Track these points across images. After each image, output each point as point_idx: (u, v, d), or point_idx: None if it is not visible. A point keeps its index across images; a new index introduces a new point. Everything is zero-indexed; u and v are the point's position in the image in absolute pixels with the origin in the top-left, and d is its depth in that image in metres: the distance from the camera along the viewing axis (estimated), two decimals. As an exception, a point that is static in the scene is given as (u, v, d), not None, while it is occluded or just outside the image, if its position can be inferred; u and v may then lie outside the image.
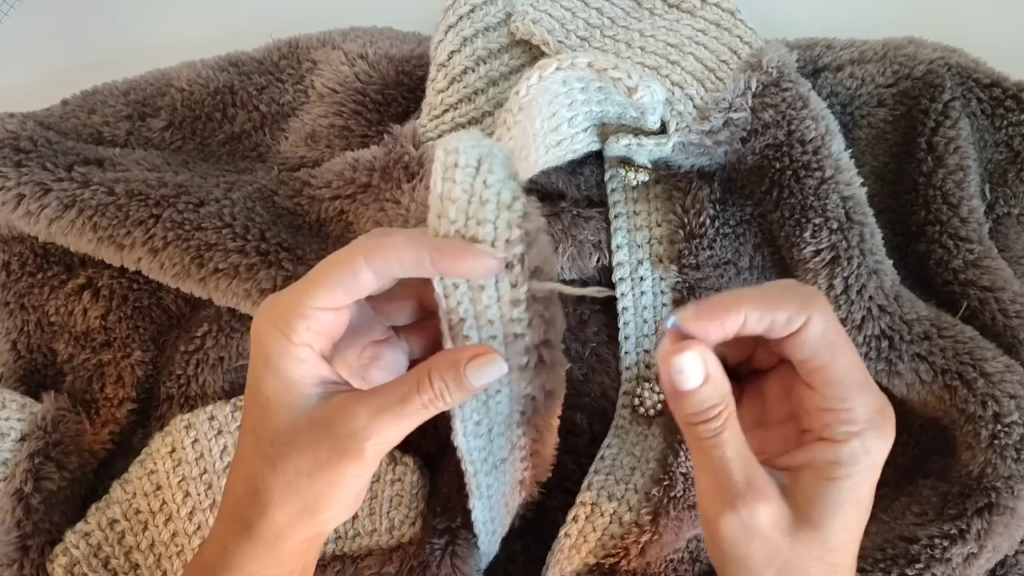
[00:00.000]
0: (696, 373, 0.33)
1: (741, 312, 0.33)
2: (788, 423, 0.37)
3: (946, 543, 0.45)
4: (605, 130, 0.51)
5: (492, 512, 0.45)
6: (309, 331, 0.35)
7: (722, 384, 0.34)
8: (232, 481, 0.38)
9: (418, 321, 0.42)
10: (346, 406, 0.35)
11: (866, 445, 0.34)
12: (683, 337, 0.34)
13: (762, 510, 0.33)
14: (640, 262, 0.52)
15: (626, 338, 0.52)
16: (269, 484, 0.36)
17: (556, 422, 0.44)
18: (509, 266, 0.37)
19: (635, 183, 0.52)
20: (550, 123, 0.48)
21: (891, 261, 0.49)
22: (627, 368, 0.51)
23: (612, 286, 0.52)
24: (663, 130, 0.50)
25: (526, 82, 0.44)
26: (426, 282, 0.38)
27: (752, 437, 0.36)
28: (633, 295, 0.52)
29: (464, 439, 0.41)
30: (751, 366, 0.39)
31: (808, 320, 0.33)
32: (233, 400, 0.50)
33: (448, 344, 0.38)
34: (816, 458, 0.34)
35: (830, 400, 0.34)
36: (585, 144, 0.51)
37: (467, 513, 0.45)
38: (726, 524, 0.34)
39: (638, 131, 0.50)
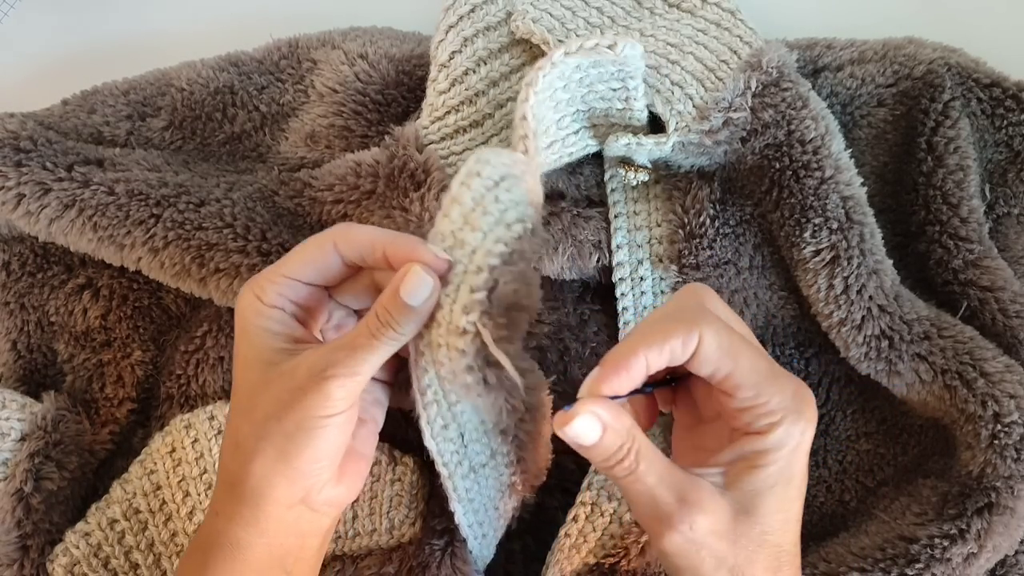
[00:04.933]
0: (592, 431, 0.35)
1: (641, 358, 0.35)
2: (719, 420, 0.39)
3: (946, 543, 0.45)
4: (603, 130, 0.51)
5: (478, 516, 0.45)
6: (281, 296, 0.39)
7: (620, 425, 0.36)
8: (223, 444, 0.40)
9: None
10: (308, 355, 0.37)
11: (789, 430, 0.36)
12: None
13: (700, 520, 0.35)
14: (640, 262, 0.52)
15: (625, 323, 0.52)
16: (245, 432, 0.37)
17: (545, 434, 0.42)
18: (479, 270, 0.37)
19: (635, 183, 0.52)
20: (537, 124, 0.48)
21: (891, 261, 0.49)
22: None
23: (612, 286, 0.52)
24: (662, 129, 0.50)
25: (525, 104, 0.44)
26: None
27: (691, 436, 0.40)
28: (633, 295, 0.52)
29: (432, 441, 0.41)
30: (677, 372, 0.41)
31: (700, 339, 0.36)
32: (233, 400, 0.50)
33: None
34: (745, 450, 0.36)
35: (744, 400, 0.36)
36: (580, 147, 0.51)
37: None
38: (670, 543, 0.36)
39: (637, 130, 0.50)
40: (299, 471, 0.37)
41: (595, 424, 0.35)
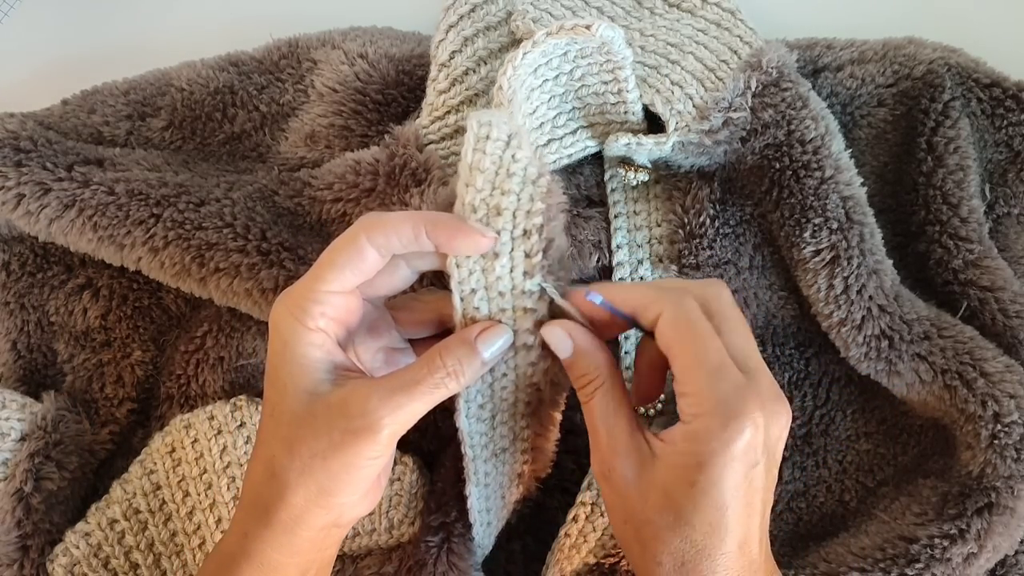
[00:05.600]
0: (564, 344, 0.39)
1: (617, 294, 0.38)
2: None
3: (946, 543, 0.45)
4: (602, 130, 0.51)
5: (488, 502, 0.45)
6: (324, 317, 0.37)
7: (593, 357, 0.39)
8: (252, 466, 0.39)
9: (436, 336, 0.43)
10: (359, 390, 0.36)
11: (710, 429, 0.35)
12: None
13: (616, 469, 0.37)
14: (640, 262, 0.52)
15: (626, 337, 0.52)
16: (285, 465, 0.37)
17: (559, 416, 0.44)
18: (527, 234, 0.38)
19: (635, 183, 0.52)
20: (531, 120, 0.49)
21: (891, 261, 0.49)
22: (627, 368, 0.51)
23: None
24: (662, 129, 0.50)
25: (503, 76, 0.45)
26: (446, 298, 0.39)
27: None
28: (633, 295, 0.52)
29: (466, 421, 0.41)
30: None
31: (661, 313, 0.37)
32: (233, 400, 0.50)
33: (458, 318, 0.39)
34: (672, 435, 0.36)
35: (680, 384, 0.36)
36: (579, 148, 0.51)
37: (461, 506, 0.45)
38: (595, 473, 0.39)
39: (637, 130, 0.50)
40: (338, 503, 0.37)
41: (566, 339, 0.39)
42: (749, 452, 0.35)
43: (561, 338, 0.39)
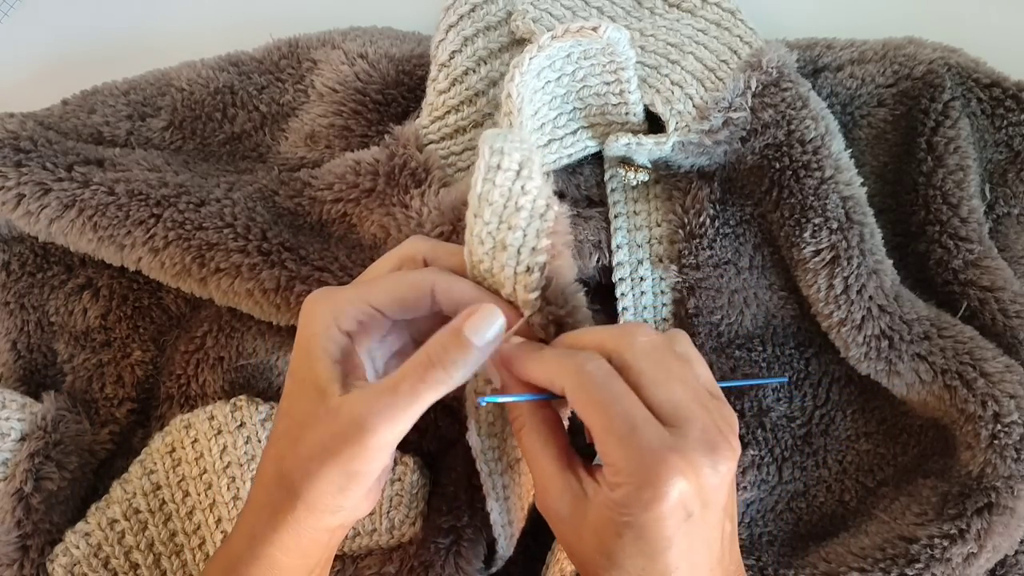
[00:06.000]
0: (493, 376, 0.39)
1: (524, 367, 0.38)
2: None
3: (946, 543, 0.45)
4: (602, 130, 0.51)
5: (510, 514, 0.45)
6: (357, 322, 0.38)
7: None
8: (263, 464, 0.39)
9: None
10: (354, 396, 0.37)
11: (628, 497, 0.34)
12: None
13: (550, 503, 0.37)
14: (640, 262, 0.52)
15: (622, 295, 0.52)
16: (290, 466, 0.37)
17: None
18: (529, 271, 0.38)
19: (635, 183, 0.52)
20: (532, 121, 0.49)
21: (891, 261, 0.49)
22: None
23: (612, 286, 0.52)
24: (662, 129, 0.50)
25: (511, 83, 0.45)
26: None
27: None
28: (633, 295, 0.52)
29: (478, 439, 0.41)
30: None
31: (564, 388, 0.37)
32: (233, 400, 0.50)
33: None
34: (602, 490, 0.36)
35: (600, 453, 0.36)
36: (579, 148, 0.51)
37: (473, 512, 0.45)
38: (536, 504, 0.39)
39: (637, 130, 0.50)
40: (343, 507, 0.38)
41: (495, 374, 0.39)
42: (677, 509, 0.34)
43: (492, 372, 0.39)
